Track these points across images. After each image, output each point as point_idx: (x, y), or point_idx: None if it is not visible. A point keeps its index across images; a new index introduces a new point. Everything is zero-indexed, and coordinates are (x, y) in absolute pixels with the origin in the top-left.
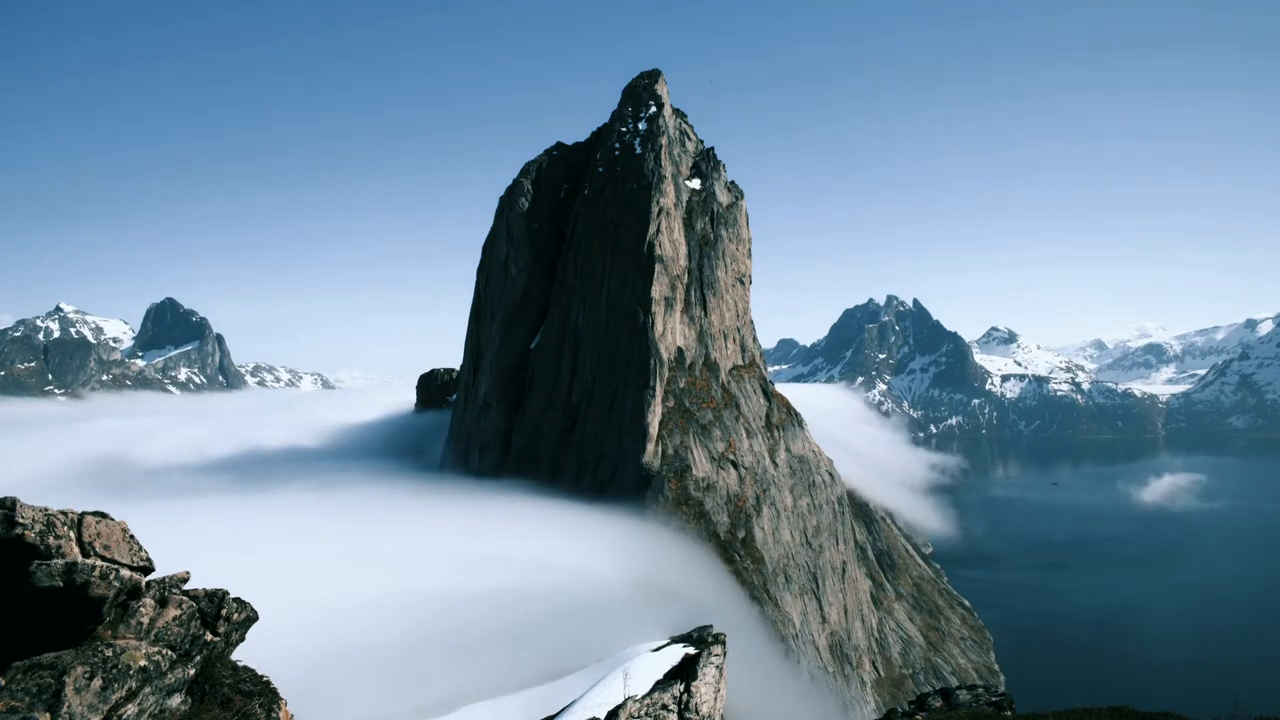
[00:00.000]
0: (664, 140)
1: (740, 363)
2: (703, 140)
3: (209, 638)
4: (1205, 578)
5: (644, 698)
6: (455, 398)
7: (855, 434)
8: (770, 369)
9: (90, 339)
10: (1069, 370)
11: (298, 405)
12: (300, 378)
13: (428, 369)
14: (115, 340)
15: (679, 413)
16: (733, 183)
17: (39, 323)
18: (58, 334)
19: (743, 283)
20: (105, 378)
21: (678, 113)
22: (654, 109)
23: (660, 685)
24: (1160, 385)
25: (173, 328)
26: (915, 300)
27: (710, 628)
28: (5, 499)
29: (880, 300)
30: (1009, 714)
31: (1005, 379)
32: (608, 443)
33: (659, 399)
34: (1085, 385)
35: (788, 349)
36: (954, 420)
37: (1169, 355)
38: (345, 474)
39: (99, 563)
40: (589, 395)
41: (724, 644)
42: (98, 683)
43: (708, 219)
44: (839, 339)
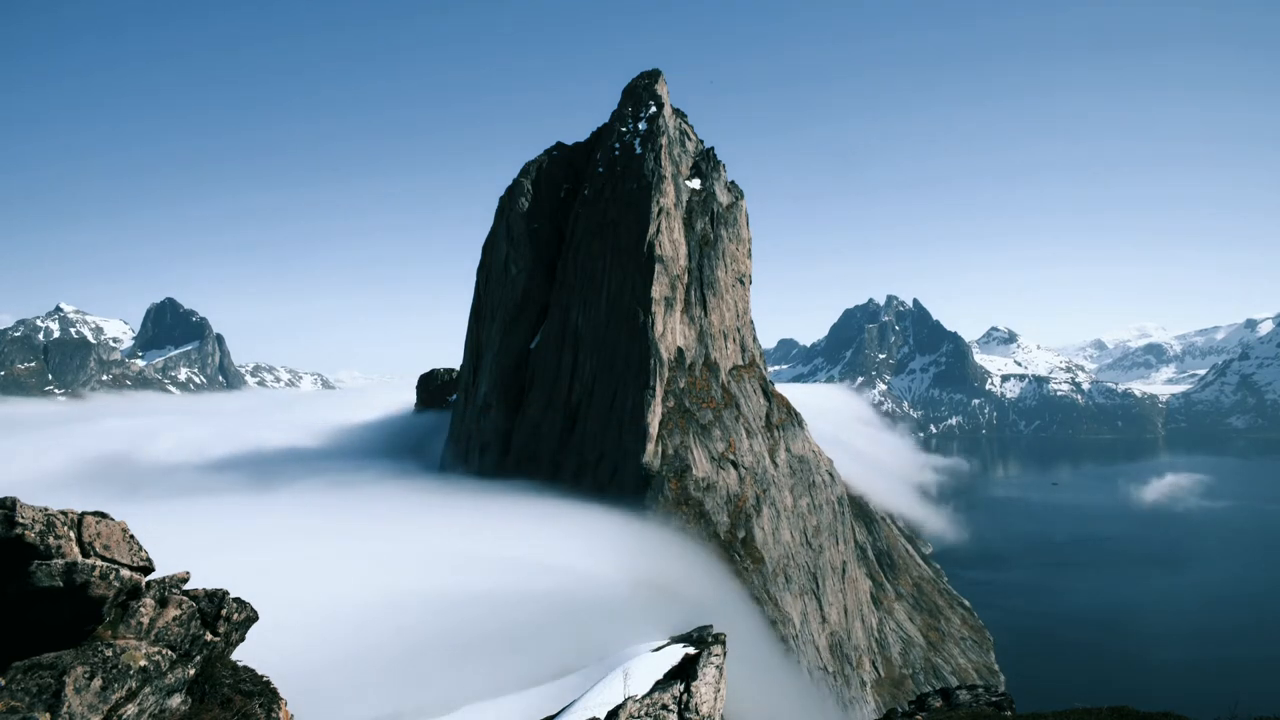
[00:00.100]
0: (664, 140)
1: (740, 363)
2: (703, 140)
3: (209, 638)
4: (1205, 578)
5: (644, 698)
6: (455, 398)
7: (855, 434)
8: (770, 369)
9: (90, 339)
10: (1069, 370)
11: (298, 405)
12: (300, 378)
13: (428, 369)
14: (115, 340)
15: (679, 413)
16: (733, 183)
17: (39, 323)
18: (58, 334)
19: (743, 283)
20: (105, 378)
21: (678, 113)
22: (654, 109)
23: (660, 685)
24: (1160, 385)
25: (173, 328)
26: (915, 300)
27: (710, 628)
28: (5, 499)
29: (880, 300)
30: (1009, 714)
31: (1005, 379)
32: (608, 443)
33: (659, 399)
34: (1085, 385)
35: (788, 349)
36: (954, 420)
37: (1169, 355)
38: (345, 474)
39: (99, 563)
40: (589, 395)
41: (724, 644)
42: (98, 683)
43: (708, 219)
44: (839, 339)
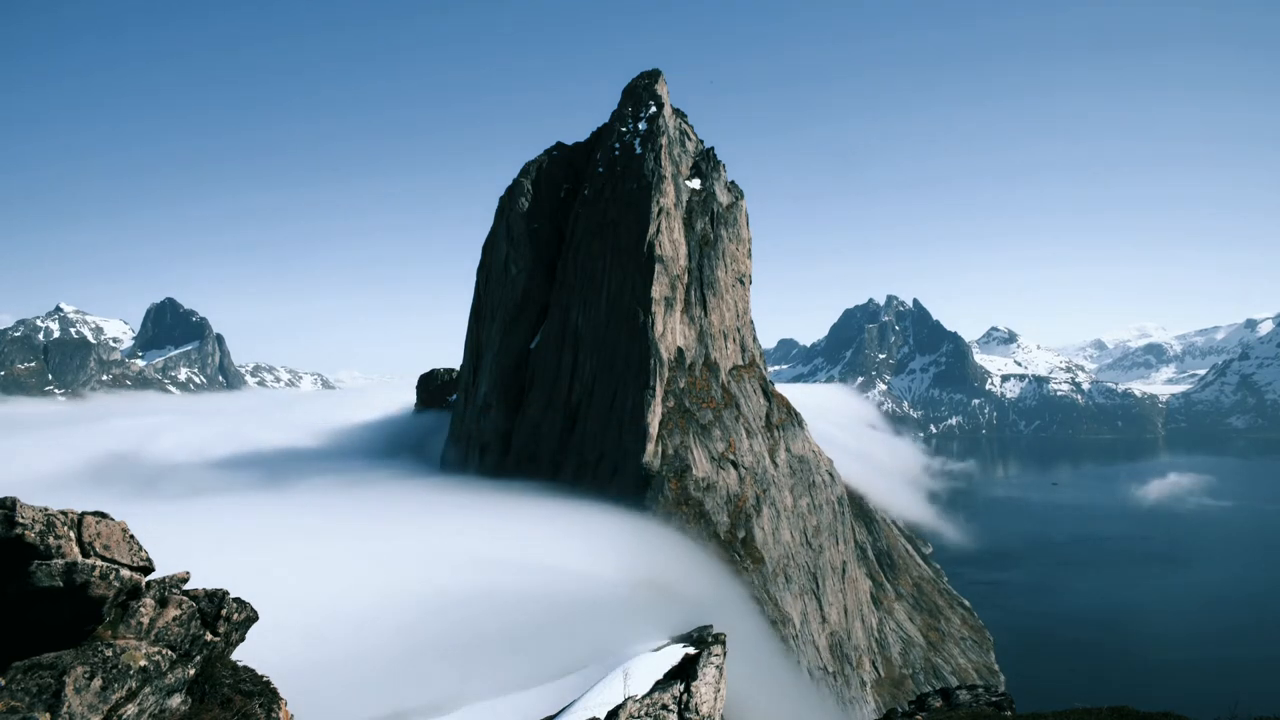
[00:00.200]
0: (664, 140)
1: (740, 363)
2: (703, 140)
3: (209, 638)
4: (1205, 578)
5: (644, 698)
6: (455, 398)
7: (855, 434)
8: (770, 369)
9: (90, 339)
10: (1069, 370)
11: (298, 405)
12: (300, 378)
13: (428, 369)
14: (115, 340)
15: (679, 413)
16: (733, 183)
17: (39, 323)
18: (58, 334)
19: (743, 283)
20: (105, 378)
21: (678, 113)
22: (654, 109)
23: (660, 685)
24: (1160, 385)
25: (173, 328)
26: (915, 300)
27: (710, 628)
28: (5, 499)
29: (880, 300)
30: (1009, 714)
31: (1005, 379)
32: (608, 443)
33: (659, 399)
34: (1085, 385)
35: (788, 349)
36: (954, 420)
37: (1169, 355)
38: (344, 474)
39: (99, 563)
40: (589, 395)
41: (724, 644)
42: (98, 683)
43: (708, 219)
44: (839, 339)
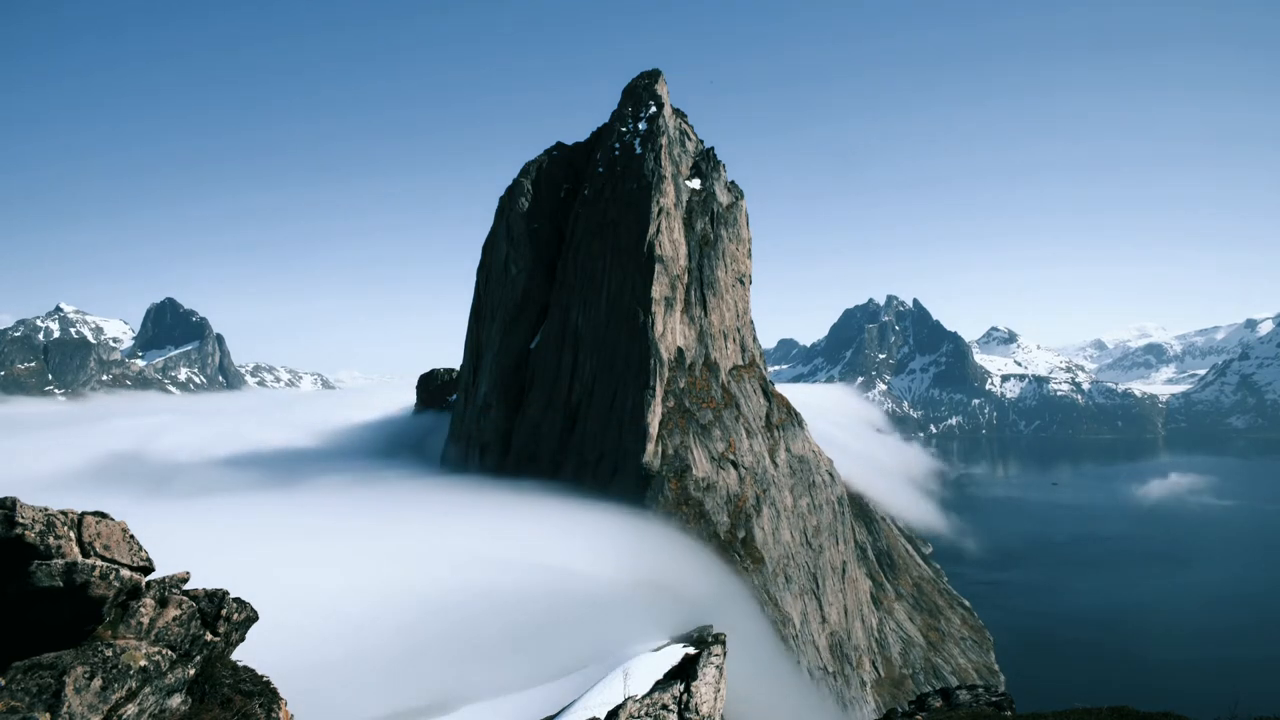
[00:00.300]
0: (664, 140)
1: (740, 363)
2: (703, 140)
3: (209, 638)
4: (1205, 578)
5: (644, 698)
6: (455, 398)
7: (855, 434)
8: (770, 369)
9: (90, 339)
10: (1069, 370)
11: (298, 405)
12: (300, 378)
13: (428, 369)
14: (115, 340)
15: (679, 413)
16: (733, 183)
17: (39, 323)
18: (58, 334)
19: (743, 283)
20: (105, 378)
21: (678, 113)
22: (654, 109)
23: (660, 685)
24: (1160, 385)
25: (173, 328)
26: (915, 300)
27: (710, 627)
28: (5, 499)
29: (880, 300)
30: (1009, 714)
31: (1005, 379)
32: (608, 443)
33: (659, 399)
34: (1085, 385)
35: (788, 349)
36: (954, 420)
37: (1169, 355)
38: (344, 474)
39: (99, 563)
40: (589, 395)
41: (724, 644)
42: (98, 683)
43: (708, 219)
44: (839, 339)
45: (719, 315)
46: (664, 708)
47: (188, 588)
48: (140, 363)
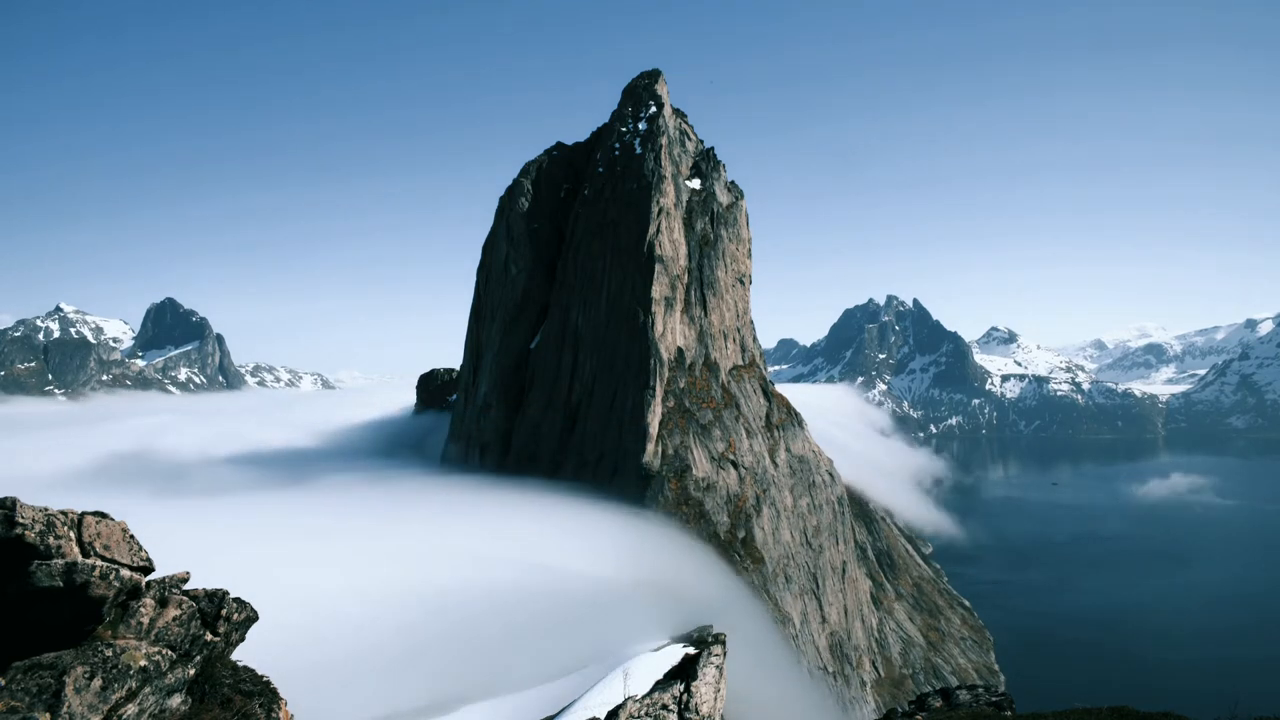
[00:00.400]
0: (664, 140)
1: (740, 363)
2: (703, 140)
3: (209, 638)
4: (1205, 578)
5: (644, 698)
6: (455, 398)
7: (855, 434)
8: (770, 369)
9: (90, 339)
10: (1069, 370)
11: (298, 405)
12: (300, 378)
13: (428, 369)
14: (115, 340)
15: (679, 413)
16: (733, 183)
17: (39, 323)
18: (58, 334)
19: (743, 283)
20: (105, 378)
21: (678, 113)
22: (654, 109)
23: (660, 685)
24: (1160, 385)
25: (173, 328)
26: (915, 300)
27: (710, 628)
28: (5, 499)
29: (880, 300)
30: (1009, 714)
31: (1005, 379)
32: (608, 443)
33: (659, 399)
34: (1085, 385)
35: (788, 349)
36: (954, 420)
37: (1169, 355)
38: (344, 474)
39: (99, 563)
40: (589, 395)
41: (724, 644)
42: (98, 683)
43: (708, 219)
44: (839, 339)
45: (719, 315)
46: (664, 708)
47: (188, 588)
48: (140, 363)
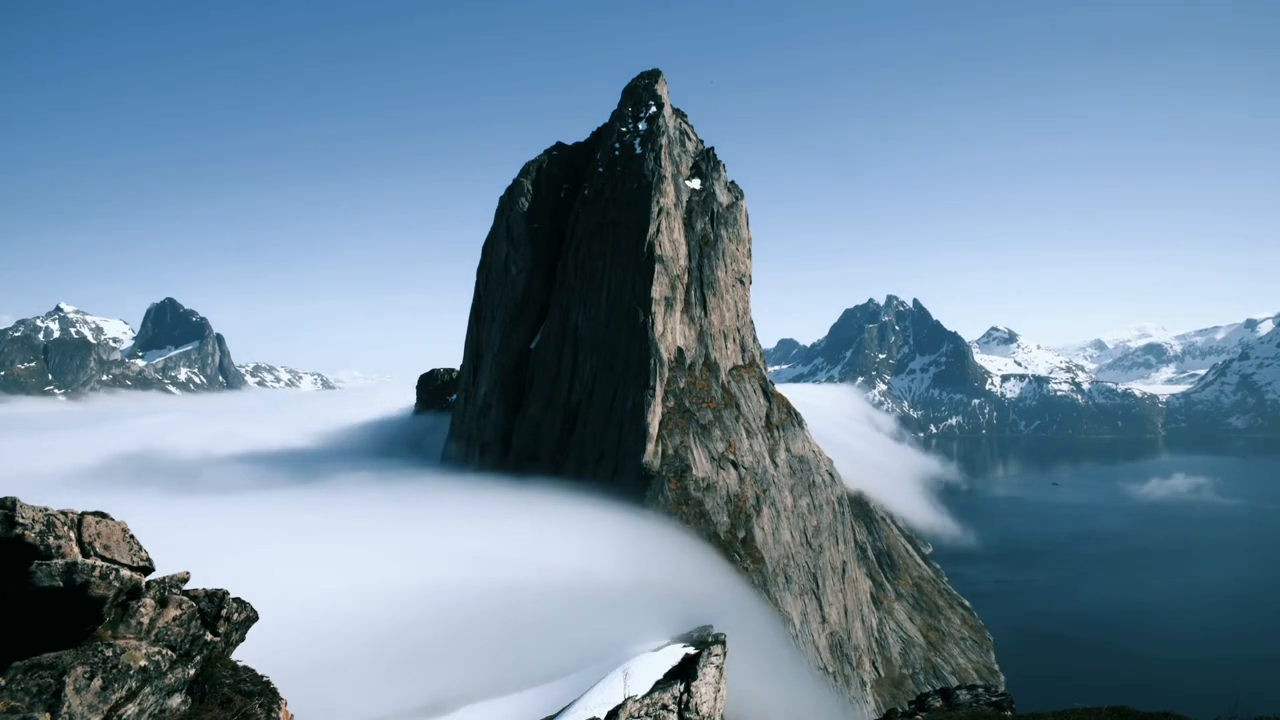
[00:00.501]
0: (664, 140)
1: (740, 363)
2: (703, 140)
3: (209, 638)
4: (1206, 577)
5: (644, 698)
6: (455, 398)
7: (855, 434)
8: (770, 369)
9: (90, 339)
10: (1069, 370)
11: (298, 405)
12: (300, 378)
13: (428, 369)
14: (115, 340)
15: (679, 413)
16: (733, 183)
17: (39, 323)
18: (58, 334)
19: (743, 283)
20: (105, 378)
21: (678, 113)
22: (654, 109)
23: (660, 685)
24: (1160, 385)
25: (173, 328)
26: (915, 300)
27: (710, 628)
28: (5, 499)
29: (880, 300)
30: (1009, 714)
31: (1005, 379)
32: (608, 442)
33: (659, 399)
34: (1085, 385)
35: (788, 349)
36: (954, 420)
37: (1169, 355)
38: (344, 474)
39: (99, 563)
40: (589, 395)
41: (724, 644)
42: (98, 683)
43: (708, 219)
44: (839, 339)
45: (719, 315)
46: (664, 708)
47: (188, 588)
48: (140, 363)
